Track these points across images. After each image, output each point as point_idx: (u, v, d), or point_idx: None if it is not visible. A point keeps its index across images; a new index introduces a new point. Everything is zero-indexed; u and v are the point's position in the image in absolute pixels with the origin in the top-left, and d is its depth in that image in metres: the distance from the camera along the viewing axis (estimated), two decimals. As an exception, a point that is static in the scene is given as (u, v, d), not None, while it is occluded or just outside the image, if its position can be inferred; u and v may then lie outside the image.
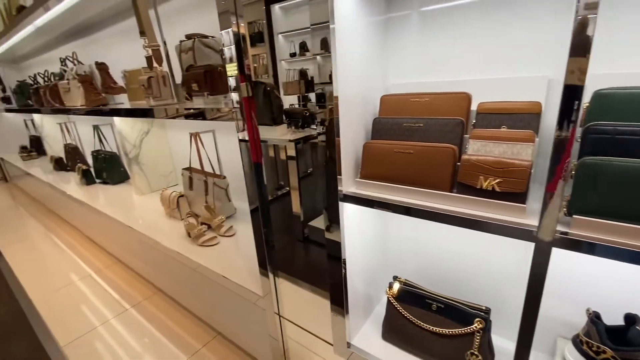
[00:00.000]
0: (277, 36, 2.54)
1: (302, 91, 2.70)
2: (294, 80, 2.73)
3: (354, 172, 0.76)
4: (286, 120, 2.21)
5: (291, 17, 2.34)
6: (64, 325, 1.58)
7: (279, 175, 2.83)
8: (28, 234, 2.77)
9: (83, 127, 2.94)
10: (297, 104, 2.67)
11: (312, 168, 2.85)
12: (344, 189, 0.73)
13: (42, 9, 2.01)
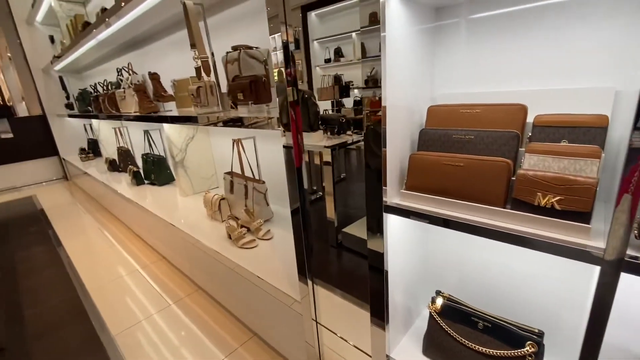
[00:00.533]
0: (312, 43, 2.67)
1: (336, 96, 2.79)
2: (329, 86, 2.82)
3: (399, 183, 0.75)
4: (322, 127, 2.24)
5: (327, 23, 2.40)
6: (113, 316, 1.71)
7: (312, 180, 2.87)
8: (84, 228, 3.03)
9: (135, 132, 3.18)
10: (330, 109, 2.73)
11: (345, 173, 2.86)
12: (388, 200, 0.73)
13: (103, 25, 2.21)
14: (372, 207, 0.76)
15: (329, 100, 2.37)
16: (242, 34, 1.72)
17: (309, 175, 2.29)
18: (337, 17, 1.34)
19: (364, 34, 0.66)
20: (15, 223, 3.29)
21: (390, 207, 0.72)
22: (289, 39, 0.89)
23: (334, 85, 2.20)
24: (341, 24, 1.28)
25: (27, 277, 2.19)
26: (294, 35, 0.90)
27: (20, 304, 1.89)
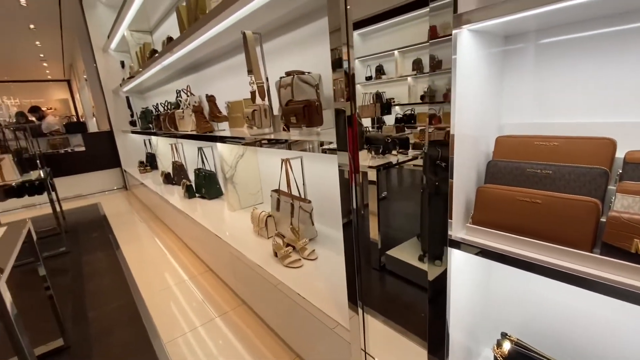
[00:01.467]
0: (353, 61, 2.75)
1: (377, 114, 2.81)
2: (369, 104, 2.85)
3: (464, 217, 0.72)
4: (366, 146, 2.24)
5: (369, 42, 2.45)
6: (163, 324, 1.79)
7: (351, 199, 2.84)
8: (139, 235, 3.27)
9: (189, 148, 3.42)
10: (370, 126, 2.75)
11: (386, 192, 2.80)
12: (453, 234, 0.69)
13: (169, 53, 2.43)
14: (435, 239, 0.73)
15: (369, 118, 2.37)
16: (295, 59, 1.80)
17: (361, 194, 2.23)
18: (380, 35, 1.36)
19: (421, 50, 0.65)
20: (83, 228, 3.64)
21: (455, 242, 0.69)
22: (350, 57, 0.91)
23: (375, 103, 2.20)
24: (383, 42, 1.29)
25: (91, 280, 2.40)
26: (337, 55, 0.92)
27: (84, 305, 2.07)
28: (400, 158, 1.43)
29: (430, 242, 0.74)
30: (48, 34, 7.26)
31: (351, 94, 0.92)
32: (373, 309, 1.67)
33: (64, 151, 5.12)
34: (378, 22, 0.88)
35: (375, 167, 2.17)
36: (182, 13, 2.24)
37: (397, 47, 1.31)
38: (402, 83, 1.40)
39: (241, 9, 1.50)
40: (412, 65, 1.33)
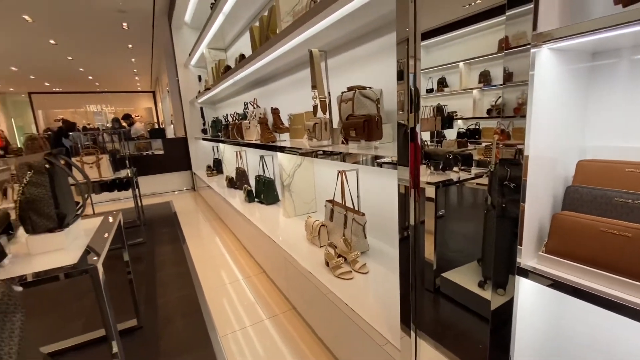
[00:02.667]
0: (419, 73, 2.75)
1: (437, 127, 2.75)
2: (430, 117, 2.81)
3: (536, 244, 0.67)
4: (425, 161, 2.18)
5: (431, 54, 2.41)
6: (219, 319, 1.92)
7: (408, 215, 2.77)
8: (202, 233, 3.57)
9: (251, 156, 3.66)
10: (429, 140, 2.68)
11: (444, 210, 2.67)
12: (522, 262, 0.65)
13: (240, 69, 2.66)
14: (500, 266, 0.69)
15: (428, 132, 2.31)
16: (358, 75, 1.85)
17: (406, 209, 2.20)
18: (443, 47, 1.33)
19: (489, 62, 0.63)
20: (157, 222, 4.10)
21: (524, 270, 0.65)
22: (417, 70, 0.92)
23: (435, 116, 2.15)
24: (446, 55, 1.27)
25: (161, 269, 2.68)
26: (399, 67, 0.93)
27: (155, 291, 2.32)
28: (461, 175, 1.37)
29: (494, 269, 0.71)
30: (141, 52, 8.44)
31: (415, 107, 0.92)
32: (423, 331, 1.60)
33: (146, 154, 5.84)
34: (442, 34, 0.88)
35: (434, 183, 2.10)
36: (255, 33, 2.45)
37: (463, 59, 1.28)
38: (465, 96, 1.35)
39: (309, 29, 1.60)
40: (478, 78, 1.29)
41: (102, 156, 3.12)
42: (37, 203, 1.18)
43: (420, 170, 0.96)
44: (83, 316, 2.04)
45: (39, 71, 9.94)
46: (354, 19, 1.45)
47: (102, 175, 3.10)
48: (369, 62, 1.77)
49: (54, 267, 1.07)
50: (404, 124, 0.95)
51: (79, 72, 10.40)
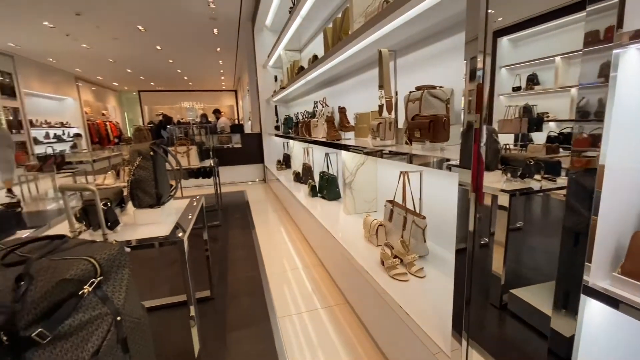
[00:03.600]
0: (499, 70, 2.48)
1: (522, 130, 2.47)
2: (514, 118, 2.53)
3: (610, 264, 0.61)
4: (502, 167, 2.01)
5: (520, 48, 2.17)
6: (278, 301, 2.08)
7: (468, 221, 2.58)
8: (269, 221, 3.85)
9: (317, 153, 3.81)
10: (512, 144, 2.42)
11: (522, 222, 2.41)
12: (591, 281, 0.60)
13: (313, 70, 2.79)
14: (565, 280, 0.64)
15: (511, 134, 2.13)
16: (428, 74, 1.80)
17: (488, 220, 2.11)
18: (536, 40, 1.22)
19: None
20: (232, 208, 4.55)
21: (593, 290, 0.59)
22: (485, 66, 0.88)
23: (521, 117, 1.98)
24: (539, 48, 1.15)
25: (233, 250, 2.99)
26: (479, 62, 0.89)
27: (226, 269, 2.60)
28: (544, 185, 1.26)
29: (556, 284, 0.66)
30: (227, 54, 9.33)
31: (482, 106, 0.89)
32: (484, 347, 1.52)
33: (227, 147, 6.48)
34: (534, 26, 0.82)
35: (509, 191, 1.93)
36: (328, 34, 2.55)
37: (560, 53, 1.16)
38: (561, 95, 1.23)
39: (380, 29, 1.62)
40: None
41: (191, 147, 3.59)
42: (143, 183, 1.45)
43: (482, 174, 0.92)
44: (169, 282, 2.41)
45: (147, 72, 11.76)
46: (425, 18, 1.43)
47: (191, 163, 3.57)
48: (440, 60, 1.71)
49: (151, 236, 1.31)
50: (469, 124, 0.92)
51: (176, 73, 11.99)
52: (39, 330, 0.68)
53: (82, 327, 0.74)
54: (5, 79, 7.69)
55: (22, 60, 8.29)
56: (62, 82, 10.35)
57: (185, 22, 6.30)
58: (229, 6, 5.57)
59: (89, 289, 0.75)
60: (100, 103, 13.38)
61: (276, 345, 1.67)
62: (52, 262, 0.75)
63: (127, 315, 0.83)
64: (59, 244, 0.84)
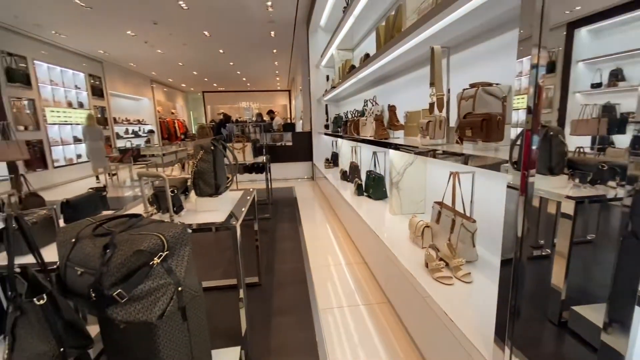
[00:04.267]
0: (575, 64, 2.21)
1: (600, 131, 2.18)
2: (590, 118, 2.25)
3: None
4: (568, 171, 1.83)
5: (603, 40, 1.92)
6: (320, 294, 2.14)
7: (539, 231, 2.36)
8: (315, 217, 3.94)
9: (365, 152, 3.80)
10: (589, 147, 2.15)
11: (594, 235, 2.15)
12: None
13: (364, 68, 2.80)
14: (619, 290, 0.59)
15: (587, 136, 1.94)
16: (485, 71, 1.71)
17: (537, 223, 2.01)
18: (623, 30, 1.10)
19: None
20: (281, 203, 4.75)
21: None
22: (540, 62, 0.83)
23: (600, 118, 1.82)
24: (627, 39, 1.03)
25: (281, 242, 3.14)
26: (549, 58, 0.83)
27: (274, 258, 2.74)
28: (619, 193, 1.14)
29: (614, 293, 0.61)
30: (283, 55, 9.69)
31: (540, 104, 0.83)
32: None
33: (279, 144, 6.76)
34: (621, 14, 0.75)
35: (575, 198, 1.76)
36: (381, 32, 2.53)
37: None
38: None
39: (433, 26, 1.58)
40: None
41: (247, 144, 3.83)
42: (204, 174, 1.60)
43: (532, 175, 0.86)
44: (222, 266, 2.62)
45: (210, 74, 12.72)
46: (482, 12, 1.36)
47: (246, 159, 3.81)
48: (497, 57, 1.61)
49: (209, 222, 1.45)
50: (519, 123, 0.87)
51: (236, 75, 12.77)
52: (119, 291, 0.82)
53: (151, 293, 0.87)
54: (96, 82, 8.92)
55: (109, 65, 9.54)
56: (140, 84, 11.69)
57: (245, 26, 6.70)
58: (285, 9, 5.79)
59: (157, 261, 0.87)
60: (170, 103, 14.82)
61: (316, 335, 1.73)
62: (130, 236, 0.90)
63: (187, 287, 0.95)
64: (136, 221, 0.99)
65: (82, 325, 0.90)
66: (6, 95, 5.91)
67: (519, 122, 0.94)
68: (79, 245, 0.91)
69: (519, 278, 0.93)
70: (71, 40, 7.27)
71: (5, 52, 5.98)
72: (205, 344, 1.08)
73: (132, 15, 5.84)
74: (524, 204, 0.90)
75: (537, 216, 2.22)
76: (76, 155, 7.91)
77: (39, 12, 5.53)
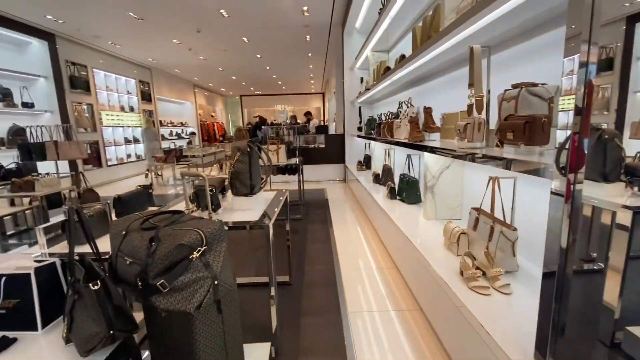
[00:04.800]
0: (636, 62, 1.98)
1: None
2: None
3: None
4: (626, 178, 1.66)
5: None
6: (349, 296, 2.13)
7: (591, 243, 2.15)
8: (346, 220, 3.93)
9: (398, 154, 3.73)
10: None
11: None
12: None
13: (400, 69, 2.75)
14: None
15: None
16: (529, 70, 1.62)
17: (589, 234, 1.90)
18: None
19: None
20: (313, 204, 4.80)
21: None
22: (590, 59, 0.77)
23: None
24: None
25: (311, 243, 3.17)
26: (605, 54, 0.77)
27: (304, 259, 2.78)
28: None
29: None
30: (317, 59, 9.80)
31: (590, 105, 0.77)
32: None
33: (312, 146, 6.83)
34: None
35: (633, 208, 1.61)
36: (417, 33, 2.48)
37: None
38: None
39: (473, 24, 1.53)
40: None
41: (281, 146, 3.92)
42: (240, 175, 1.67)
43: (579, 182, 0.80)
44: (255, 264, 2.70)
45: (247, 78, 13.18)
46: (526, 9, 1.29)
47: (279, 160, 3.90)
48: (542, 56, 1.52)
49: (244, 220, 1.51)
50: (565, 124, 0.82)
51: (272, 79, 13.12)
52: (162, 281, 0.88)
53: (190, 285, 0.92)
54: (145, 87, 9.61)
55: (156, 72, 10.24)
56: (183, 89, 12.42)
57: (282, 31, 6.87)
58: (321, 13, 5.87)
59: (196, 255, 0.92)
60: (210, 106, 15.58)
61: (345, 337, 1.73)
62: (173, 231, 0.96)
63: (222, 281, 1.00)
64: (178, 217, 1.06)
65: (129, 311, 0.98)
66: (69, 100, 6.57)
67: (568, 124, 0.88)
68: (129, 237, 0.99)
69: (562, 292, 0.87)
70: (125, 49, 7.92)
71: (69, 62, 6.65)
72: (238, 338, 1.13)
73: (179, 24, 6.23)
74: (569, 212, 0.84)
75: (589, 226, 2.05)
76: (126, 155, 8.58)
77: (99, 24, 6.09)
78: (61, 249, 1.35)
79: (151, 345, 1.09)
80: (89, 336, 0.86)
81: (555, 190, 0.89)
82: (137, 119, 9.06)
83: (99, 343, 0.85)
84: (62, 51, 6.43)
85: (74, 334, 0.88)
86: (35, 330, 0.97)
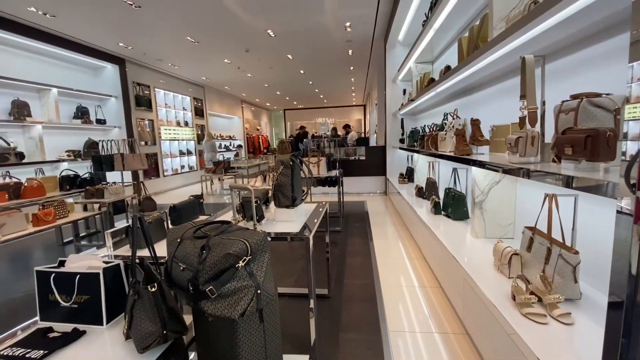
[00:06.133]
0: None
1: None
2: None
3: None
4: None
5: None
6: (390, 315, 2.06)
7: None
8: (387, 234, 3.84)
9: (444, 167, 3.59)
10: None
11: None
12: None
13: (445, 81, 2.68)
14: None
15: None
16: (592, 79, 1.49)
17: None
18: None
19: None
20: (353, 217, 4.76)
21: None
22: None
23: None
24: None
25: (351, 257, 3.14)
26: None
27: (343, 272, 2.76)
28: None
29: None
30: (359, 72, 9.87)
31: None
32: None
33: (352, 158, 6.84)
34: None
35: None
36: (463, 43, 2.41)
37: None
38: None
39: (526, 33, 1.45)
40: None
41: (321, 158, 3.99)
42: (283, 187, 1.74)
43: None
44: (295, 276, 2.74)
45: (291, 93, 13.67)
46: (584, 16, 1.20)
47: (320, 173, 3.97)
48: (608, 63, 1.39)
49: (286, 231, 1.55)
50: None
51: (314, 92, 13.45)
52: (210, 288, 0.94)
53: (235, 292, 0.97)
54: (198, 104, 10.41)
55: (209, 89, 11.05)
56: (232, 105, 13.22)
57: (324, 47, 7.07)
58: (363, 27, 5.94)
59: (242, 264, 0.98)
60: (256, 120, 16.35)
61: (384, 356, 1.67)
62: (222, 240, 1.03)
63: (265, 291, 1.04)
64: (226, 227, 1.13)
65: (180, 314, 1.06)
66: (134, 116, 7.34)
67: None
68: (183, 244, 1.08)
69: (631, 325, 0.77)
70: (182, 70, 8.69)
71: (135, 83, 7.46)
72: (278, 347, 1.15)
73: (229, 45, 6.70)
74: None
75: None
76: (180, 166, 9.29)
77: (161, 48, 6.78)
78: (124, 252, 1.50)
79: (198, 347, 1.15)
80: (145, 334, 0.93)
81: (623, 209, 0.80)
82: (190, 133, 9.81)
83: (154, 341, 0.93)
84: (130, 73, 7.25)
85: (133, 331, 0.97)
86: (101, 324, 1.08)
